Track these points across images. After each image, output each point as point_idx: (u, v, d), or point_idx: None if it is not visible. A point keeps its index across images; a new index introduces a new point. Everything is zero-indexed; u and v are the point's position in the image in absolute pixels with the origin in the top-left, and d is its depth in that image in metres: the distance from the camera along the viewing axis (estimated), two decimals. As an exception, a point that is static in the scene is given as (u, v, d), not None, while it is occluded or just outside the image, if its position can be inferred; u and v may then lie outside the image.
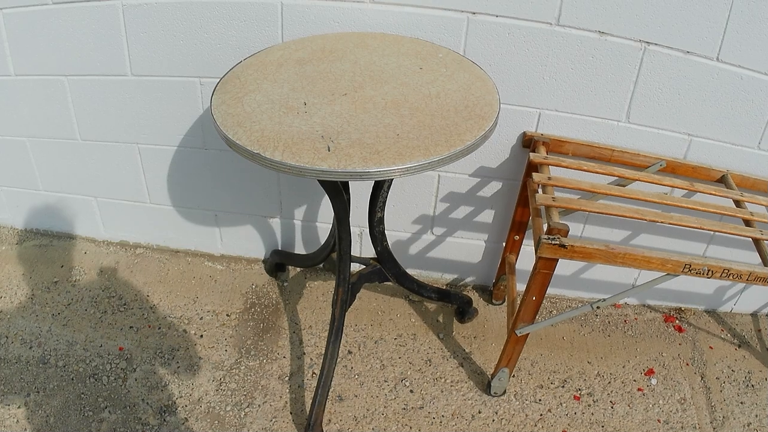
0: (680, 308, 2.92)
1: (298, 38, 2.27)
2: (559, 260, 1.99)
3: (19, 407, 2.41)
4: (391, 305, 2.90)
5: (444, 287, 2.96)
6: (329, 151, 1.68)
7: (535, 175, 2.12)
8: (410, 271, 2.88)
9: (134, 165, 2.83)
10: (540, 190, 2.10)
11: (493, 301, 2.90)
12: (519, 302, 2.14)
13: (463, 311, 2.78)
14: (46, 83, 2.62)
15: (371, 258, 2.48)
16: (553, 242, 1.91)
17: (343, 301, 2.33)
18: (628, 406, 2.51)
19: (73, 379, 2.53)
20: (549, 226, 1.93)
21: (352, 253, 2.36)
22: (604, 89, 2.26)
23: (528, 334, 2.22)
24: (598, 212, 1.99)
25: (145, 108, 2.61)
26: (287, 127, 1.76)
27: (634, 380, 2.60)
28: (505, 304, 2.87)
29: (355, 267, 2.54)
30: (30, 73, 2.61)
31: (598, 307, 2.12)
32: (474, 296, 2.93)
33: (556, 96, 2.31)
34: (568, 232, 1.93)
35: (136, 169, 2.84)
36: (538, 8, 2.15)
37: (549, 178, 2.10)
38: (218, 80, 1.97)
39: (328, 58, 2.10)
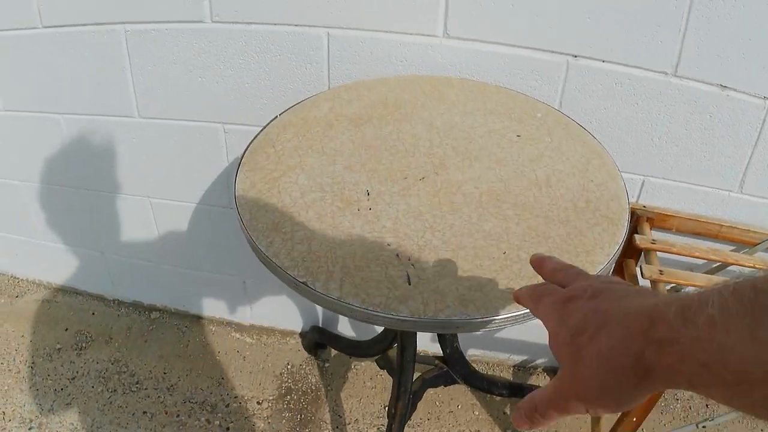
0: None
1: (350, 83, 1.82)
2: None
3: None
4: (451, 394, 2.44)
5: (513, 374, 2.56)
6: (410, 284, 1.15)
7: (645, 268, 1.74)
8: (473, 352, 2.53)
9: (146, 221, 2.46)
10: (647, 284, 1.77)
11: None
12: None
13: None
14: (38, 121, 2.30)
15: (436, 358, 2.05)
16: None
17: (402, 415, 1.92)
18: None
19: None
20: None
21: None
22: (719, 154, 1.86)
23: None
24: None
25: (156, 156, 2.24)
26: (345, 235, 1.24)
27: None
28: None
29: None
30: (20, 109, 2.29)
31: (704, 427, 1.80)
32: (544, 381, 2.52)
33: (664, 161, 1.90)
34: None
35: (148, 226, 2.47)
36: (654, 54, 1.74)
37: (661, 272, 1.71)
38: (246, 146, 1.52)
39: (393, 115, 1.58)
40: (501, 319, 1.13)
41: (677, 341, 0.55)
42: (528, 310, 0.96)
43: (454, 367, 2.02)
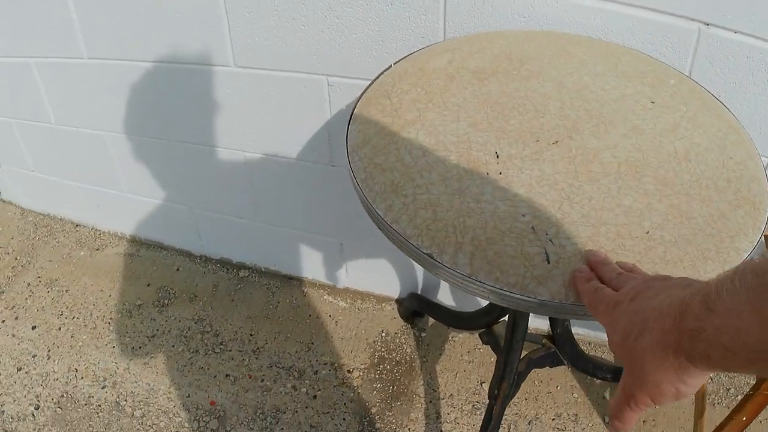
0: None
1: (468, 35, 1.69)
2: None
3: None
4: (550, 374, 2.35)
5: (616, 362, 2.35)
6: (549, 263, 1.02)
7: None
8: (577, 331, 2.40)
9: (239, 176, 2.38)
10: None
11: None
12: (710, 399, 1.82)
13: None
14: (127, 70, 2.21)
15: (544, 336, 1.92)
16: None
17: (505, 397, 1.82)
18: None
19: None
20: None
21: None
22: None
23: None
24: None
25: (253, 109, 2.15)
26: (474, 202, 1.11)
27: None
28: None
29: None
30: (107, 57, 2.20)
31: None
32: None
33: None
34: None
35: (241, 181, 2.39)
36: (787, 29, 1.58)
37: None
38: (358, 97, 1.40)
39: (519, 72, 1.44)
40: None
41: (703, 330, 0.60)
42: None
43: (562, 348, 1.91)
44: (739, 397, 1.98)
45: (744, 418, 1.69)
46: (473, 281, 1.02)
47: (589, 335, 2.48)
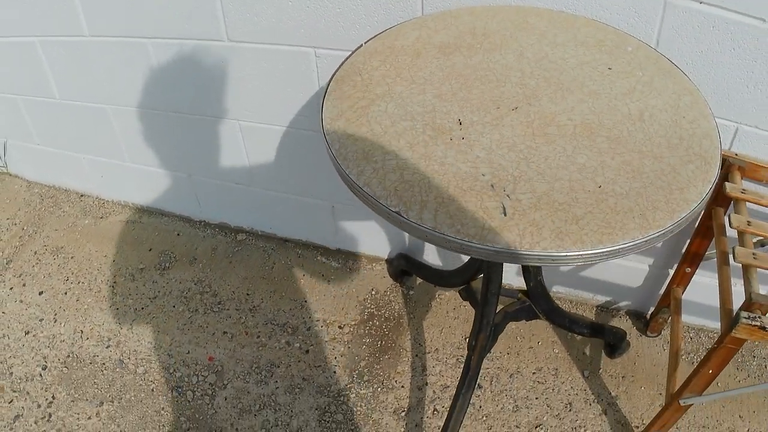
0: None
1: (437, 12, 1.72)
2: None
3: (89, 418, 2.10)
4: (532, 330, 2.38)
5: (595, 314, 2.47)
6: (505, 215, 1.09)
7: (734, 217, 1.63)
8: (557, 290, 2.46)
9: (235, 144, 2.42)
10: (730, 233, 1.70)
11: (648, 332, 2.38)
12: (684, 355, 1.80)
13: (615, 346, 2.27)
14: (126, 46, 2.25)
15: (519, 291, 1.96)
16: (753, 323, 1.44)
17: (482, 348, 1.87)
18: None
19: (152, 391, 2.17)
20: (750, 298, 1.45)
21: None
22: None
23: (692, 404, 1.80)
24: None
25: (246, 80, 2.18)
26: (438, 164, 1.18)
27: None
28: (661, 338, 2.39)
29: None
30: (108, 35, 2.24)
31: None
32: (626, 324, 2.44)
33: (759, 110, 1.78)
34: None
35: (237, 148, 2.43)
36: None
37: (749, 223, 1.60)
38: (332, 75, 1.46)
39: (483, 45, 1.50)
40: (597, 253, 1.08)
41: None
42: (623, 245, 1.00)
43: (536, 302, 1.96)
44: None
45: (710, 371, 1.71)
46: (436, 234, 1.08)
47: (570, 293, 2.53)
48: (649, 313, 2.44)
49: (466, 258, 2.27)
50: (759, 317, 1.46)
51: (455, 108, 1.32)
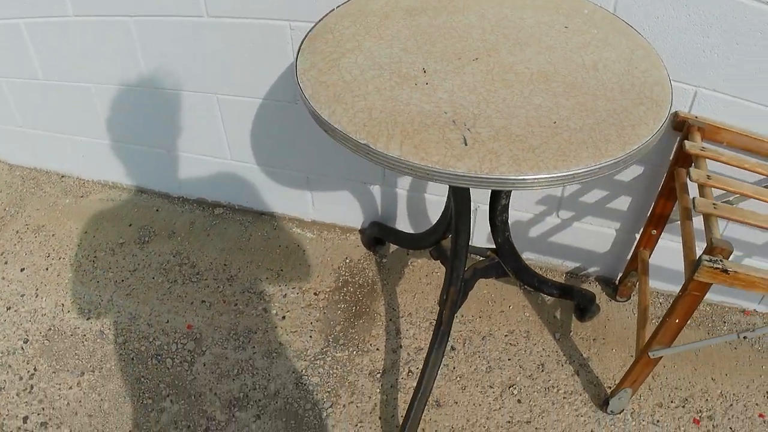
0: None
1: None
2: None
3: (70, 388, 2.13)
4: (503, 294, 2.44)
5: (565, 280, 2.52)
6: (466, 145, 1.17)
7: (693, 171, 1.69)
8: (527, 256, 2.52)
9: (213, 118, 2.45)
10: (692, 189, 1.74)
11: (618, 297, 2.44)
12: (653, 312, 1.82)
13: (585, 309, 2.31)
14: (108, 25, 2.28)
15: (488, 249, 2.03)
16: (715, 265, 1.50)
17: (453, 302, 1.92)
18: None
19: (133, 359, 2.21)
20: (711, 243, 1.52)
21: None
22: None
23: (662, 357, 1.85)
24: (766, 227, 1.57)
25: (225, 54, 2.23)
26: (403, 105, 1.25)
27: (756, 404, 2.14)
28: (631, 302, 2.44)
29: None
30: (92, 14, 2.26)
31: (744, 337, 1.72)
32: (596, 289, 2.46)
33: (716, 74, 1.85)
34: (731, 252, 1.52)
35: (215, 122, 2.47)
36: (707, -35, 1.68)
37: (709, 177, 1.67)
38: (305, 34, 1.52)
39: (446, 8, 1.58)
40: (553, 177, 1.15)
41: None
42: (577, 171, 1.09)
43: (505, 259, 2.02)
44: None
45: (677, 321, 1.75)
46: (402, 162, 1.16)
47: (539, 260, 2.58)
48: (618, 278, 2.49)
49: (434, 220, 2.36)
50: (720, 260, 1.52)
51: (420, 59, 1.39)
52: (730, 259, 1.55)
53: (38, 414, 2.05)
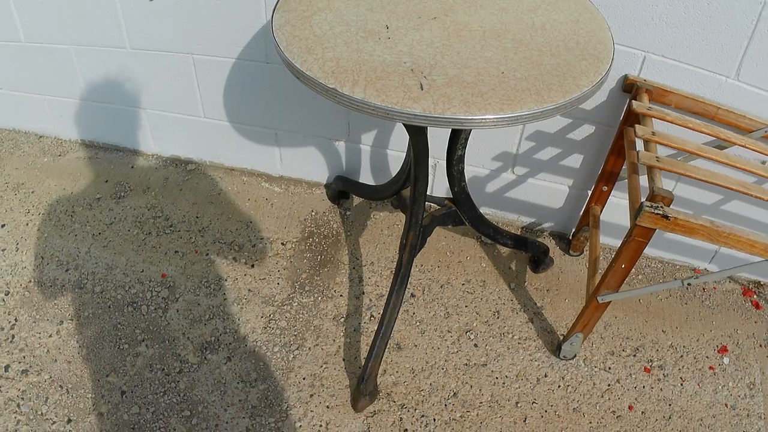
0: (759, 282, 2.54)
1: None
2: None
3: (50, 336, 2.20)
4: (461, 246, 2.58)
5: (520, 233, 2.63)
6: (422, 89, 1.31)
7: (638, 127, 1.81)
8: (484, 211, 2.64)
9: (188, 77, 2.55)
10: (640, 145, 1.83)
11: (571, 251, 2.57)
12: (601, 261, 1.90)
13: (539, 261, 2.45)
14: None
15: (446, 198, 2.15)
16: (656, 211, 1.63)
17: (412, 246, 2.05)
18: (698, 385, 2.20)
19: (110, 307, 2.29)
20: (652, 191, 1.64)
21: (424, 191, 2.04)
22: (716, 40, 1.92)
23: (610, 302, 1.95)
24: (704, 180, 1.69)
25: (201, 15, 2.31)
26: (368, 56, 1.40)
27: (707, 356, 2.28)
28: (583, 256, 2.55)
29: (427, 206, 2.25)
30: None
31: (689, 284, 1.85)
32: (550, 244, 2.61)
33: (664, 40, 1.97)
34: (672, 200, 1.64)
35: (189, 81, 2.56)
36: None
37: (653, 133, 1.79)
38: None
39: (409, -26, 1.70)
40: (499, 118, 1.29)
41: None
42: (521, 114, 1.24)
43: (461, 208, 2.13)
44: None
45: (623, 266, 1.84)
46: (365, 104, 1.30)
47: (496, 215, 2.69)
48: (571, 233, 2.61)
49: (392, 168, 2.49)
50: (661, 207, 1.64)
51: (383, 17, 1.54)
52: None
53: (19, 362, 2.13)
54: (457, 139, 1.86)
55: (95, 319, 2.25)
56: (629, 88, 2.06)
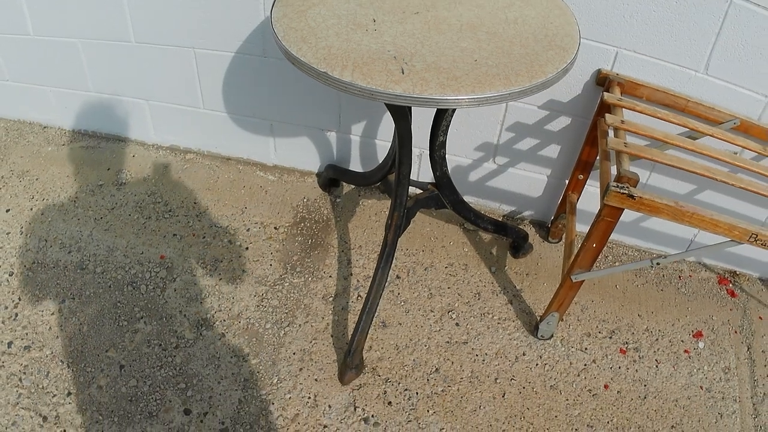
0: (735, 272, 2.66)
1: None
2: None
3: (52, 314, 2.29)
4: (444, 232, 2.70)
5: (501, 219, 2.75)
6: (403, 74, 1.48)
7: (608, 116, 1.91)
8: (467, 199, 2.69)
9: (190, 70, 2.65)
10: (611, 133, 1.94)
11: (550, 238, 2.69)
12: (577, 246, 1.97)
13: (518, 246, 2.58)
14: None
15: (429, 183, 2.28)
16: (621, 191, 1.73)
17: (397, 226, 2.16)
18: (673, 367, 2.29)
19: (110, 287, 2.38)
20: (619, 173, 1.75)
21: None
22: (685, 36, 2.03)
23: (583, 281, 2.05)
24: (669, 164, 1.78)
25: (205, 11, 2.41)
26: (356, 45, 1.56)
27: (682, 341, 2.38)
28: (562, 243, 2.68)
29: (411, 191, 2.29)
30: None
31: (657, 264, 1.92)
32: (530, 231, 2.73)
33: (635, 36, 2.08)
34: (638, 182, 1.74)
35: (191, 74, 2.67)
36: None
37: (622, 122, 1.88)
38: None
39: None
40: (470, 98, 1.46)
41: None
42: (490, 95, 1.41)
43: (443, 192, 2.25)
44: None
45: (594, 245, 1.91)
46: (352, 85, 1.47)
47: (478, 203, 2.80)
48: (550, 221, 2.72)
49: (380, 158, 2.64)
50: (627, 187, 1.75)
51: (371, 12, 1.70)
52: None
53: (22, 339, 2.20)
54: (439, 126, 2.00)
55: (96, 298, 2.33)
56: (602, 81, 2.18)
